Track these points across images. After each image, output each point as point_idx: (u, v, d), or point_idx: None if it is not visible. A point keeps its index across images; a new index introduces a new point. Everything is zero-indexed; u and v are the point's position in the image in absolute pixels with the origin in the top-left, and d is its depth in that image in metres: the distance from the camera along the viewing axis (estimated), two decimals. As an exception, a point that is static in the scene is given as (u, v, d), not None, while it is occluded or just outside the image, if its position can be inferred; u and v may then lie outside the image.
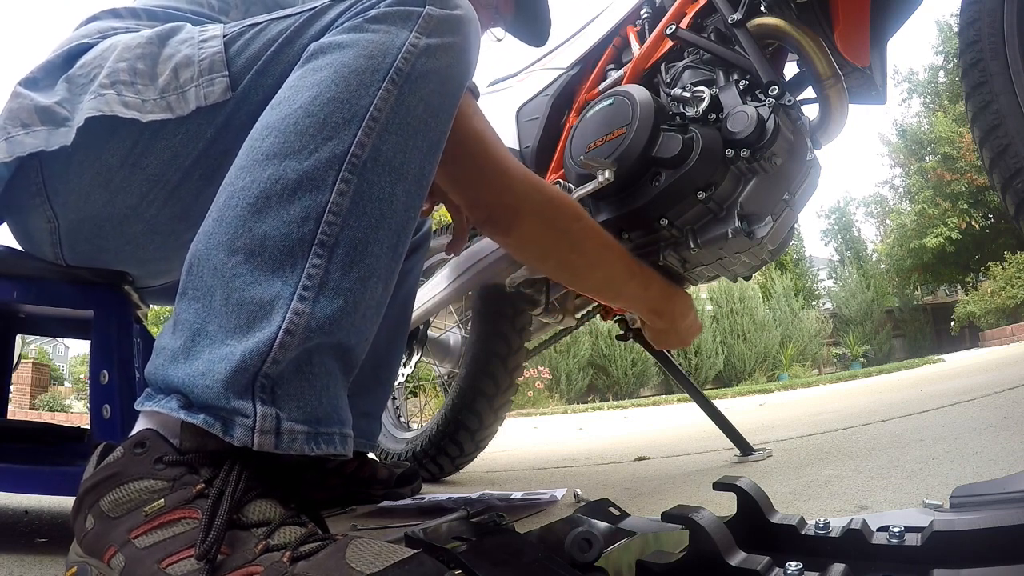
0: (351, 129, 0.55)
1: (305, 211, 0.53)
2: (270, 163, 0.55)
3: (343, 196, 0.54)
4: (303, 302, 0.52)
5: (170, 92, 0.67)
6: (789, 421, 2.40)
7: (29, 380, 10.78)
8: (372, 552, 0.45)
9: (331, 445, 0.54)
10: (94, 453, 0.55)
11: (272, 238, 0.53)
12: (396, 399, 2.02)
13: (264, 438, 0.50)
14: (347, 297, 0.54)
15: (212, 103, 0.67)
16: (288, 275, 0.52)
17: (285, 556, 0.45)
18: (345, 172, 0.55)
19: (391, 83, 0.57)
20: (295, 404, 0.52)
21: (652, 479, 1.35)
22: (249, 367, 0.50)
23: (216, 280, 0.53)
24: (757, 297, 12.28)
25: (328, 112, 0.56)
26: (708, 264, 1.17)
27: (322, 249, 0.53)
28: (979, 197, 15.63)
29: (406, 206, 0.59)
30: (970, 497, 0.53)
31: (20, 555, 0.84)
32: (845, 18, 1.08)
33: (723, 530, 0.47)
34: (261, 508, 0.50)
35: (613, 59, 1.36)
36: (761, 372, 11.36)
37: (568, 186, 1.17)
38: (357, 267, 0.55)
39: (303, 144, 0.55)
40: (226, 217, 0.54)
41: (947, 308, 15.87)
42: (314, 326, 0.52)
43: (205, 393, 0.50)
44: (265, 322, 0.51)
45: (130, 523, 0.49)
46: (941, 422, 1.51)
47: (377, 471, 1.31)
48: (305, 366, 0.53)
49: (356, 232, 0.55)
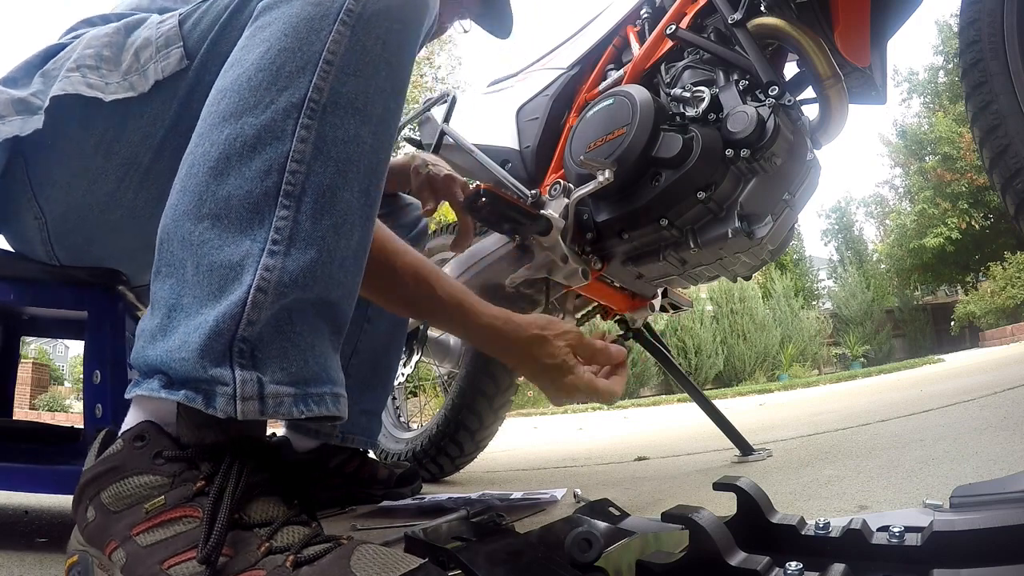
0: (306, 75, 0.54)
1: (267, 164, 0.52)
2: (227, 124, 0.53)
3: (304, 143, 0.53)
4: (273, 256, 0.50)
5: (132, 73, 0.71)
6: (789, 421, 2.40)
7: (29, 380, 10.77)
8: (378, 560, 0.45)
9: (322, 406, 0.52)
10: (95, 441, 0.54)
11: (236, 197, 0.51)
12: (396, 399, 2.02)
13: (247, 405, 0.48)
14: (320, 246, 0.52)
15: (169, 75, 0.70)
16: (256, 231, 0.51)
17: (288, 560, 0.45)
18: (304, 119, 0.53)
19: (342, 25, 0.55)
20: (278, 366, 0.50)
21: (652, 479, 1.35)
22: (223, 332, 0.48)
23: (186, 251, 0.52)
24: (757, 297, 12.27)
25: (280, 63, 0.54)
26: (708, 264, 1.17)
27: (288, 200, 0.52)
28: (979, 197, 15.62)
29: (374, 148, 0.57)
30: (970, 497, 0.53)
31: (20, 555, 0.84)
32: (845, 18, 1.08)
33: (723, 530, 0.47)
34: (263, 507, 0.49)
35: (613, 59, 1.36)
36: (761, 372, 11.35)
37: (568, 186, 1.17)
38: (328, 214, 0.53)
39: (258, 99, 0.53)
40: (189, 186, 0.53)
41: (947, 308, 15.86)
42: (287, 280, 0.50)
43: (183, 367, 0.49)
44: (236, 283, 0.49)
45: (131, 519, 0.48)
46: (941, 422, 1.51)
47: (377, 471, 1.31)
48: (286, 325, 0.51)
49: (323, 178, 0.53)
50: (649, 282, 1.31)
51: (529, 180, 1.37)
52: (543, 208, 1.18)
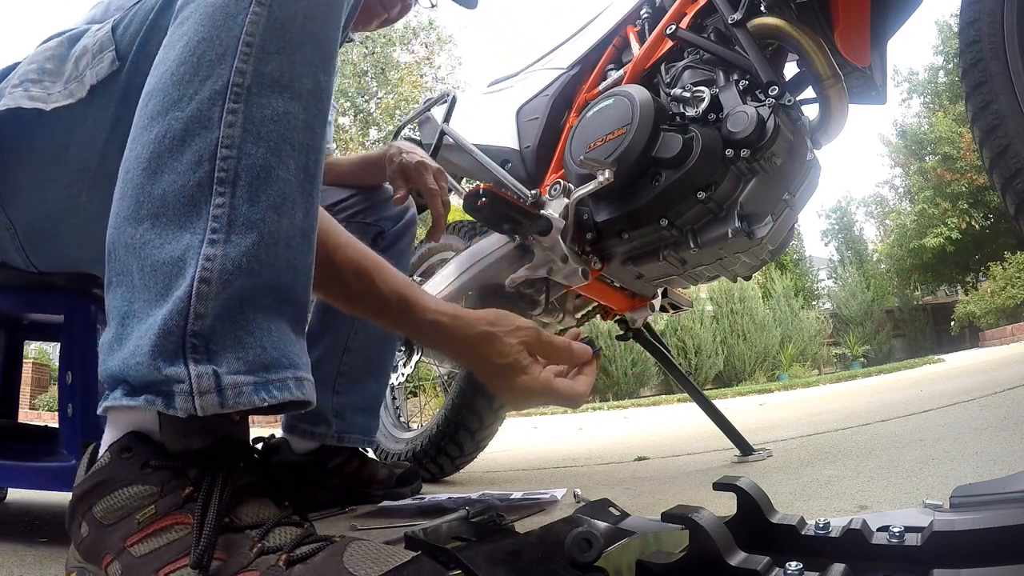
0: (226, 61, 0.53)
1: (197, 155, 0.51)
2: (155, 123, 0.53)
3: (232, 127, 0.52)
4: (214, 245, 0.50)
5: (72, 81, 0.73)
6: (789, 421, 2.40)
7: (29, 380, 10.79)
8: (370, 555, 0.45)
9: (284, 391, 0.51)
10: (83, 458, 0.54)
11: (171, 193, 0.51)
12: (396, 399, 2.02)
13: (206, 399, 0.47)
14: (261, 229, 0.51)
15: (103, 78, 0.71)
16: (195, 224, 0.50)
17: (281, 559, 0.45)
18: (230, 103, 0.52)
19: (258, 5, 0.55)
20: (234, 356, 0.49)
21: (652, 479, 1.35)
22: (172, 330, 0.48)
23: (130, 256, 0.51)
24: (757, 297, 12.27)
25: (200, 53, 0.54)
26: (708, 264, 1.17)
27: (223, 187, 0.51)
28: (979, 197, 15.62)
29: (307, 123, 0.56)
30: (970, 497, 0.53)
31: (20, 555, 0.84)
32: (845, 18, 1.08)
33: (723, 530, 0.47)
34: (254, 509, 0.49)
35: (613, 59, 1.36)
36: (761, 372, 11.35)
37: (568, 186, 1.17)
38: (265, 195, 0.52)
39: (182, 93, 0.53)
40: (126, 191, 0.53)
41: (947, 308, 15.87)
42: (231, 268, 0.49)
43: (139, 371, 0.48)
44: (180, 279, 0.49)
45: (124, 531, 0.48)
46: (941, 422, 1.51)
47: (377, 471, 1.31)
48: (238, 314, 0.50)
49: (255, 159, 0.52)
50: (649, 282, 1.31)
51: (529, 180, 1.37)
52: (543, 208, 1.18)
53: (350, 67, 13.44)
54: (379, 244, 1.34)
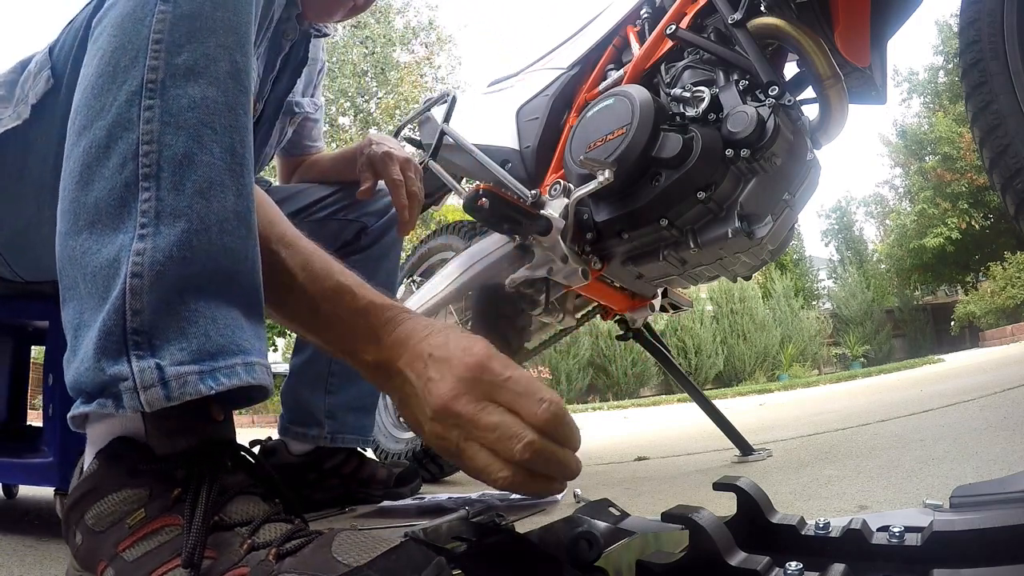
0: (139, 62, 0.54)
1: (121, 156, 0.52)
2: (82, 137, 0.54)
3: (151, 123, 0.52)
4: (143, 240, 0.50)
5: (20, 103, 0.77)
6: (789, 421, 2.40)
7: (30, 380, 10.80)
8: (359, 543, 0.45)
9: (233, 378, 0.50)
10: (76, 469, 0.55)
11: (103, 200, 0.52)
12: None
13: (150, 393, 0.47)
14: (189, 215, 0.51)
15: (40, 97, 0.75)
16: (126, 223, 0.51)
17: (271, 554, 0.45)
18: (145, 100, 0.53)
19: (163, 3, 0.55)
20: (177, 347, 0.49)
21: (652, 479, 1.35)
22: (112, 329, 0.48)
23: (75, 268, 0.52)
24: (757, 297, 12.27)
25: (115, 62, 0.55)
26: (708, 264, 1.17)
27: (148, 181, 0.51)
28: (979, 197, 15.61)
29: (229, 105, 0.56)
30: (970, 497, 0.53)
31: (20, 555, 0.84)
32: (845, 18, 1.08)
33: (723, 530, 0.47)
34: (243, 506, 0.49)
35: (613, 59, 1.36)
36: (761, 372, 11.35)
37: (568, 186, 1.17)
38: (190, 181, 0.52)
39: (103, 102, 0.54)
40: (65, 207, 0.54)
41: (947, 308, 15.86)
42: (161, 258, 0.49)
43: (88, 377, 0.49)
44: (115, 279, 0.49)
45: (116, 536, 0.48)
46: (941, 422, 1.51)
47: (376, 471, 1.31)
48: (177, 305, 0.50)
49: (176, 148, 0.52)
50: (649, 282, 1.31)
51: (529, 180, 1.37)
52: (543, 208, 1.18)
53: (350, 67, 13.44)
54: (361, 240, 1.33)
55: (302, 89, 1.29)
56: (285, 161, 1.46)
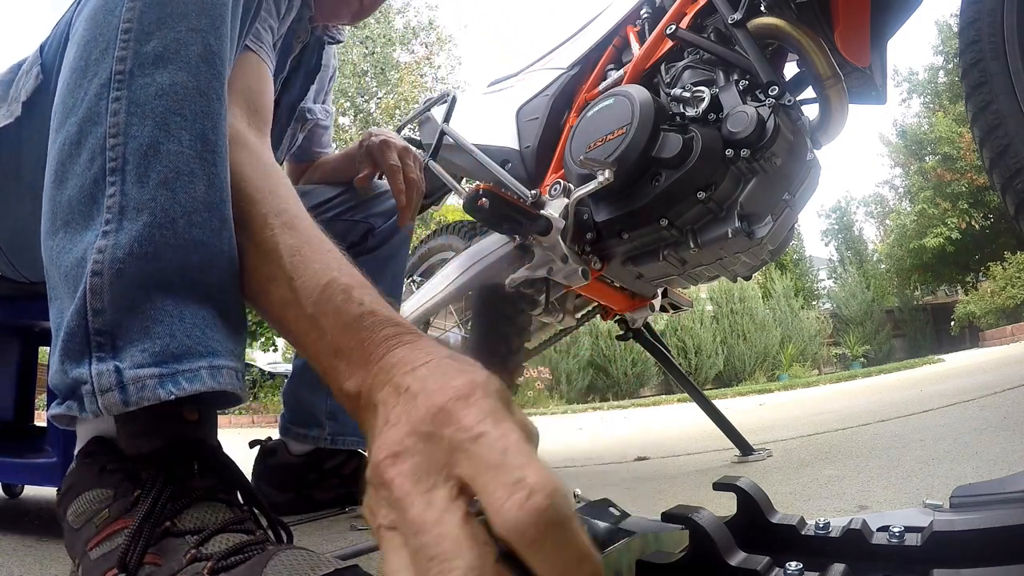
0: (108, 54, 0.52)
1: (91, 151, 0.50)
2: (58, 134, 0.53)
3: (117, 115, 0.50)
4: (105, 237, 0.48)
5: (12, 102, 0.76)
6: (789, 421, 2.40)
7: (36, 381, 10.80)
8: (294, 566, 0.42)
9: (195, 382, 0.47)
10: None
11: (75, 197, 0.50)
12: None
13: (107, 398, 0.46)
14: (152, 208, 0.49)
15: (31, 94, 0.73)
16: (95, 220, 0.49)
17: (206, 568, 0.43)
18: (113, 92, 0.51)
19: None
20: (139, 348, 0.47)
21: (652, 479, 1.35)
22: (74, 330, 0.47)
23: (54, 269, 0.51)
24: (757, 297, 12.26)
25: (87, 56, 0.53)
26: (708, 264, 1.17)
27: (114, 176, 0.49)
28: (979, 197, 15.60)
29: (200, 89, 0.53)
30: (970, 497, 0.53)
31: (20, 555, 0.84)
32: (845, 18, 1.08)
33: (723, 530, 0.47)
34: (199, 514, 0.47)
35: (613, 59, 1.36)
36: (761, 372, 11.35)
37: (568, 186, 1.17)
38: (154, 171, 0.49)
39: (75, 98, 0.52)
40: (45, 207, 0.53)
41: (947, 308, 15.85)
42: (121, 255, 0.47)
43: (55, 379, 0.48)
44: (81, 278, 0.48)
45: (87, 534, 0.48)
46: (941, 422, 1.51)
47: (377, 471, 1.31)
48: (142, 303, 0.47)
49: (141, 139, 0.50)
50: (649, 282, 1.31)
51: (529, 180, 1.37)
52: (543, 208, 1.18)
53: (350, 67, 13.43)
54: (368, 241, 1.31)
55: (313, 96, 1.29)
56: (294, 167, 1.46)
